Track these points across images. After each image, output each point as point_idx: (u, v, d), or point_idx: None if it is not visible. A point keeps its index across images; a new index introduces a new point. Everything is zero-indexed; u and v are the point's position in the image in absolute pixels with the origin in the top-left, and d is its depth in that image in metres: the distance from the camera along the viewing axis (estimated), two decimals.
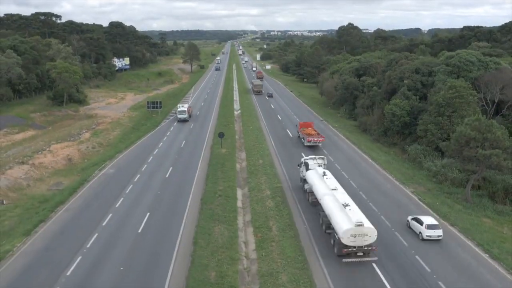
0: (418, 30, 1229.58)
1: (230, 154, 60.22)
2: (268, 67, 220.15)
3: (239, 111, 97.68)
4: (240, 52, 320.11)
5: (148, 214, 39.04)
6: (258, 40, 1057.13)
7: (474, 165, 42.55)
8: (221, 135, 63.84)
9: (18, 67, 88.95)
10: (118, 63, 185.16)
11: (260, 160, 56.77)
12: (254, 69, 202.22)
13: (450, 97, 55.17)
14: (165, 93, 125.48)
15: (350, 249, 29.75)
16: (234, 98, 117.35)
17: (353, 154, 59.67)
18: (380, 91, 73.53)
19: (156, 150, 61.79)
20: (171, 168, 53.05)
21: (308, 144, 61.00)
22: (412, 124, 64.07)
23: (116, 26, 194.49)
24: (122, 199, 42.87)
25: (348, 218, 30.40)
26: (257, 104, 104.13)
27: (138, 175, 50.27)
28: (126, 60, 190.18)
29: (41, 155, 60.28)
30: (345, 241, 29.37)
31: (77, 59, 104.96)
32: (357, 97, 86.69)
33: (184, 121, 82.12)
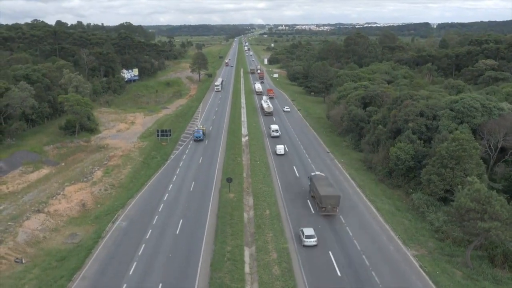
0: (427, 24, 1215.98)
1: (238, 201, 62.04)
2: (276, 75, 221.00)
3: (247, 137, 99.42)
4: (250, 53, 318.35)
5: (160, 285, 41.02)
6: (265, 36, 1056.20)
7: (474, 234, 43.92)
8: (229, 180, 65.60)
9: (31, 97, 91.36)
10: (127, 74, 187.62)
11: (267, 210, 58.51)
12: (258, 71, 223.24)
13: (453, 150, 56.36)
14: (173, 113, 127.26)
15: None
16: (242, 119, 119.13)
17: (358, 202, 61.09)
18: (386, 130, 74.72)
19: (166, 195, 63.73)
20: (181, 221, 54.95)
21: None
22: (417, 168, 65.38)
23: (124, 37, 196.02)
24: (135, 264, 44.85)
25: None
26: (265, 129, 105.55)
27: (150, 231, 52.24)
28: (135, 71, 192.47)
29: (55, 201, 62.62)
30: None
31: (88, 88, 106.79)
32: (363, 128, 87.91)
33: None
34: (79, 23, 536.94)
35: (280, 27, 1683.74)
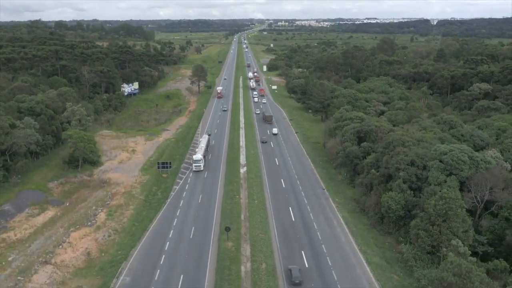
0: (426, 21, 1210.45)
1: (236, 250, 65.06)
2: (275, 87, 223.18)
3: (245, 167, 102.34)
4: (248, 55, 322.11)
5: None
6: (265, 33, 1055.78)
7: None
8: (227, 229, 68.58)
9: (35, 132, 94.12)
10: (128, 88, 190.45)
11: (263, 263, 61.53)
12: (255, 73, 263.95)
13: (440, 208, 59.32)
14: (173, 136, 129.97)
15: None
16: (240, 144, 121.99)
17: (349, 253, 64.06)
18: (378, 175, 77.61)
19: (167, 244, 66.64)
20: (182, 276, 57.93)
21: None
22: (407, 217, 68.44)
23: (125, 51, 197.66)
24: None
25: None
26: (263, 159, 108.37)
27: None
28: (135, 85, 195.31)
29: (61, 250, 65.69)
30: None
31: (91, 120, 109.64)
32: (357, 164, 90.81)
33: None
34: (79, 23, 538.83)
35: (279, 23, 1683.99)
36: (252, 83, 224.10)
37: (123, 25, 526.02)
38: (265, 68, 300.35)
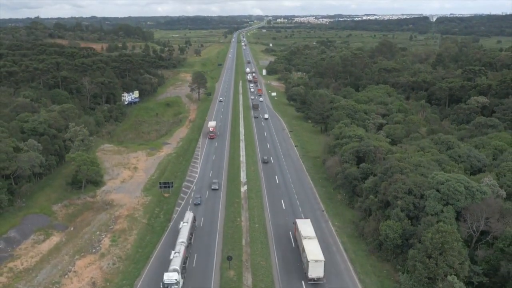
0: (426, 19, 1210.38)
1: (238, 280, 66.68)
2: (274, 93, 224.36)
3: (246, 186, 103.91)
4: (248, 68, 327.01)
5: None
6: (264, 31, 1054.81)
7: None
8: (229, 258, 70.18)
9: (38, 153, 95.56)
10: (128, 97, 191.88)
11: None
12: (253, 74, 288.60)
13: (436, 242, 60.91)
14: (174, 151, 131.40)
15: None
16: (241, 159, 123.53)
17: (348, 282, 65.80)
18: (376, 201, 79.18)
19: None
20: None
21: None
22: (404, 245, 70.06)
23: (125, 61, 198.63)
24: None
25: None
26: (263, 177, 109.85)
27: None
28: (136, 93, 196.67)
29: (67, 280, 67.31)
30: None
31: (93, 141, 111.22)
32: (356, 186, 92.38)
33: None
34: (78, 24, 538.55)
35: (278, 20, 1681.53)
36: (250, 80, 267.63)
37: (122, 26, 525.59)
38: (264, 72, 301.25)
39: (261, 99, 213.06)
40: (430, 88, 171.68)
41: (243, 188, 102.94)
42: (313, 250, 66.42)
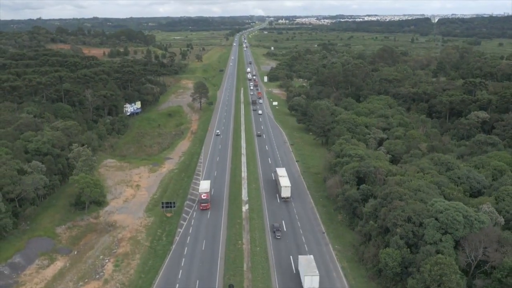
0: (427, 20, 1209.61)
1: None
2: (275, 103, 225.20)
3: (247, 205, 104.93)
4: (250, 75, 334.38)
5: None
6: (266, 32, 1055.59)
7: None
8: (231, 286, 71.21)
9: (42, 174, 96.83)
10: (130, 108, 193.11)
11: None
12: (254, 77, 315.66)
13: (435, 274, 61.89)
14: (176, 167, 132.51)
15: None
16: (243, 175, 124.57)
17: None
18: (376, 226, 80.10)
19: None
20: None
21: None
22: (403, 273, 70.97)
23: (127, 72, 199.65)
24: None
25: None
26: (264, 195, 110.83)
27: None
28: (138, 104, 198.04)
29: None
30: None
31: (96, 161, 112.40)
32: (357, 208, 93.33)
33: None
34: (80, 28, 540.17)
35: (280, 21, 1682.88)
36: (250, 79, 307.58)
37: (124, 30, 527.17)
38: (266, 79, 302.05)
39: (260, 101, 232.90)
40: (431, 100, 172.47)
41: (245, 208, 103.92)
42: (284, 181, 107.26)
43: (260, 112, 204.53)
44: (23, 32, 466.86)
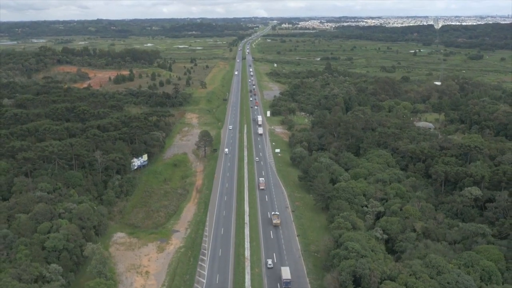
0: (430, 27, 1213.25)
1: None
2: (278, 150, 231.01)
3: None
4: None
5: None
6: (269, 40, 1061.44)
7: None
8: None
9: (59, 275, 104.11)
10: (137, 162, 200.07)
11: None
12: (254, 88, 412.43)
13: None
14: (183, 243, 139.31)
15: None
16: (247, 257, 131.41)
17: None
18: None
19: None
20: None
21: None
22: None
23: (135, 126, 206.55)
24: None
25: None
26: (266, 284, 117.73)
27: None
28: (144, 157, 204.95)
29: None
30: None
31: (111, 262, 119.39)
32: None
33: None
34: (85, 48, 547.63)
35: (283, 25, 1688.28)
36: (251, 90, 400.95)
37: (129, 51, 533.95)
38: (268, 113, 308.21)
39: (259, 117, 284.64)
40: (428, 160, 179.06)
41: None
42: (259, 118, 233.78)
43: (262, 161, 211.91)
44: (30, 54, 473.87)
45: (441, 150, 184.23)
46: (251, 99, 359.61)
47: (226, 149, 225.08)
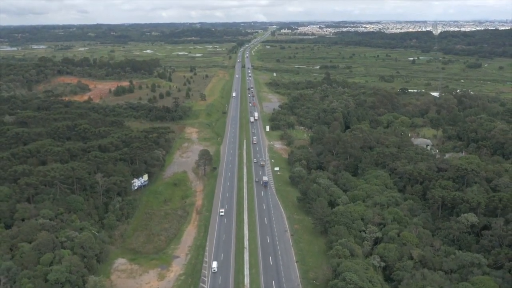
0: (429, 33, 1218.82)
1: None
2: (277, 168, 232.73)
3: None
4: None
5: None
6: (268, 47, 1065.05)
7: None
8: None
9: None
10: (138, 182, 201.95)
11: None
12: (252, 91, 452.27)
13: None
14: (184, 271, 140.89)
15: None
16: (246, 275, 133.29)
17: None
18: None
19: None
20: None
21: None
22: None
23: (136, 147, 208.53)
24: None
25: None
26: None
27: None
28: (145, 177, 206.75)
29: None
30: None
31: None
32: None
33: None
34: (85, 58, 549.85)
35: (282, 30, 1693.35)
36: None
37: (129, 61, 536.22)
38: (268, 128, 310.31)
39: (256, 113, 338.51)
40: (425, 182, 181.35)
41: None
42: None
43: (261, 181, 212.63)
44: (30, 65, 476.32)
45: (438, 172, 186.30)
46: (251, 119, 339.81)
47: (222, 210, 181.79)
